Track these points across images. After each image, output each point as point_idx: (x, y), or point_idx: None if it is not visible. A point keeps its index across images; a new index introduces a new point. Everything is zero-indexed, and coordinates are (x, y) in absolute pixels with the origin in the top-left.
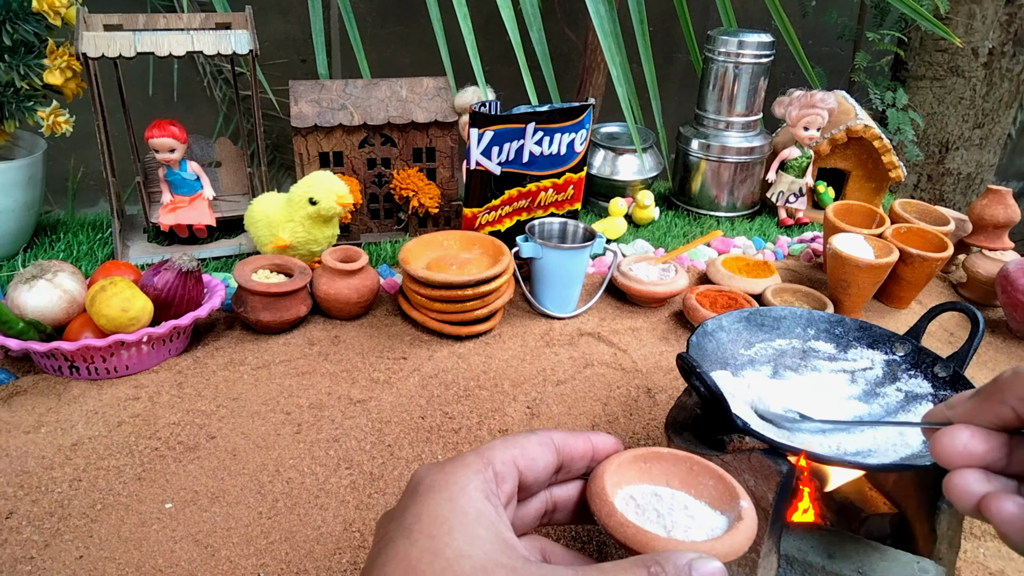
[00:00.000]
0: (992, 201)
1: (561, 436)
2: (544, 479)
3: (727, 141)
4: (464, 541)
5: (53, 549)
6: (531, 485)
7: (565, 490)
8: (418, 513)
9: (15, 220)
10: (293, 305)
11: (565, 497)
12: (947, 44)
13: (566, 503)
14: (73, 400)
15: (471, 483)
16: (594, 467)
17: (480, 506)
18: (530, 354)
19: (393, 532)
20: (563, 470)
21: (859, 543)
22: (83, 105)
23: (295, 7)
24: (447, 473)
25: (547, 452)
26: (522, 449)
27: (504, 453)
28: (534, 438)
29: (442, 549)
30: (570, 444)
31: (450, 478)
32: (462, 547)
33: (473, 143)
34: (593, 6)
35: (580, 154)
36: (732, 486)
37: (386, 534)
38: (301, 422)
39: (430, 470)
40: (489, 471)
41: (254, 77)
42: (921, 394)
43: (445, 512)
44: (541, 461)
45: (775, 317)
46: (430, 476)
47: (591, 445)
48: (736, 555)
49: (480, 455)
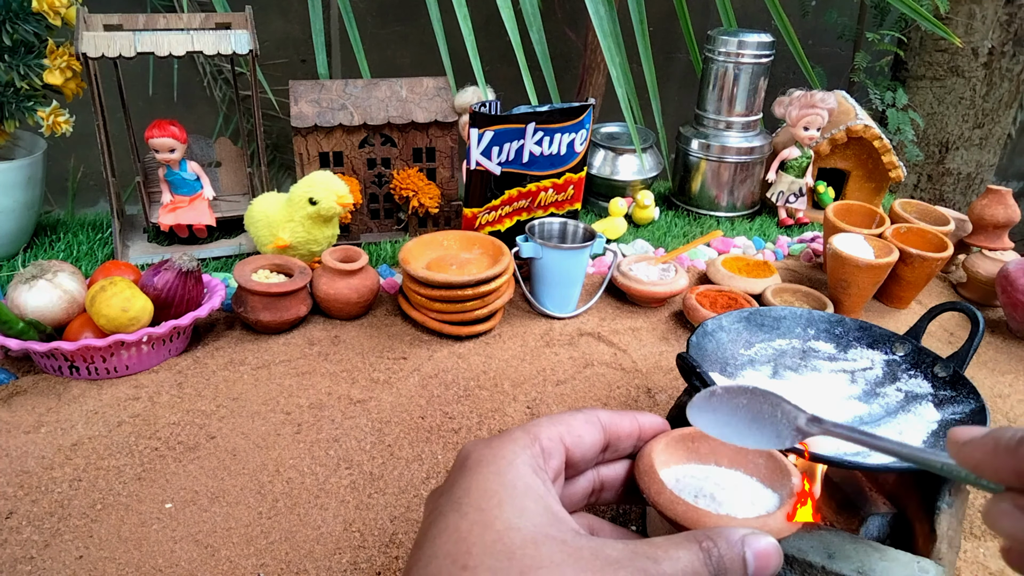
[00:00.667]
0: (992, 201)
1: (607, 415)
2: (591, 457)
3: (727, 141)
4: (513, 513)
5: (53, 549)
6: (578, 463)
7: (612, 469)
8: (467, 487)
9: (15, 220)
10: (293, 305)
11: (612, 476)
12: (947, 44)
13: (613, 482)
14: (73, 400)
15: (519, 457)
16: (641, 446)
17: (528, 480)
18: (530, 354)
19: (443, 506)
20: (610, 449)
21: (859, 543)
22: (83, 105)
23: (295, 7)
24: (495, 448)
25: (593, 430)
26: (568, 426)
27: (550, 429)
28: (580, 416)
29: (492, 521)
30: (616, 423)
31: (498, 452)
32: (512, 519)
33: (473, 143)
34: (593, 6)
35: (580, 154)
36: (783, 464)
37: (436, 508)
38: (301, 422)
39: (477, 445)
40: (536, 446)
41: (254, 77)
42: (921, 394)
43: (494, 485)
44: (588, 439)
45: (775, 317)
46: (477, 451)
47: (637, 424)
48: (789, 532)
49: (527, 431)
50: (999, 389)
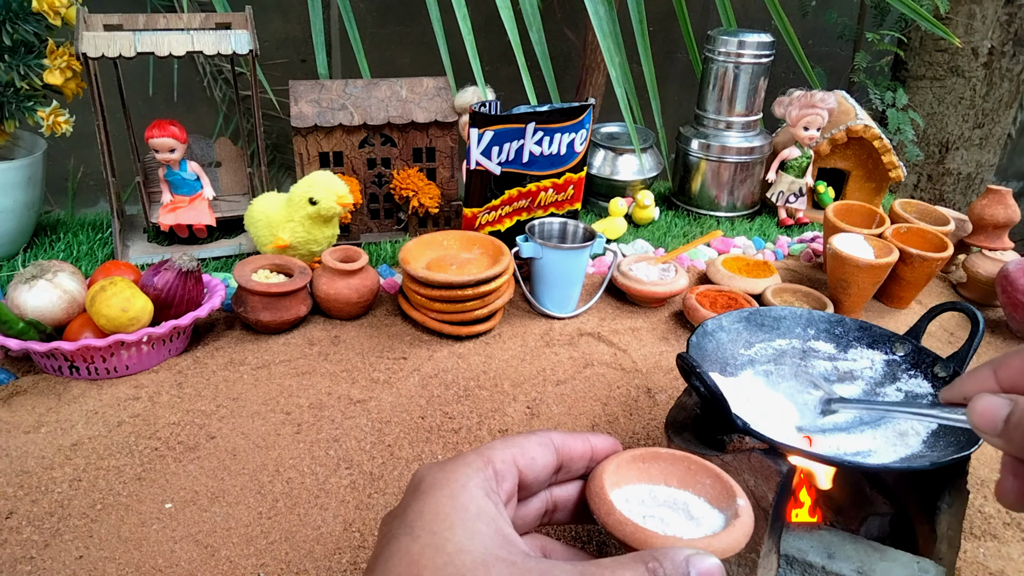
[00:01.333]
0: (992, 201)
1: (560, 436)
2: (544, 479)
3: (727, 141)
4: (465, 536)
5: (53, 549)
6: (531, 484)
7: (565, 490)
8: (420, 510)
9: (15, 220)
10: (293, 305)
11: (565, 497)
12: (947, 44)
13: (566, 503)
14: (73, 400)
15: (471, 481)
16: (593, 467)
17: (480, 503)
18: (530, 354)
19: (396, 529)
20: (563, 470)
21: (859, 543)
22: (83, 105)
23: (295, 7)
24: (448, 471)
25: (546, 452)
26: (521, 449)
27: (504, 452)
28: (533, 438)
29: (443, 544)
30: (569, 444)
31: (451, 476)
32: (463, 542)
33: (473, 143)
34: (592, 6)
35: (580, 154)
36: (729, 485)
37: (389, 531)
38: (301, 422)
39: (431, 469)
40: (489, 469)
41: (254, 77)
42: (921, 394)
43: (446, 509)
44: (540, 460)
45: (775, 317)
46: (431, 474)
47: (590, 446)
48: (733, 552)
49: (480, 454)
50: None
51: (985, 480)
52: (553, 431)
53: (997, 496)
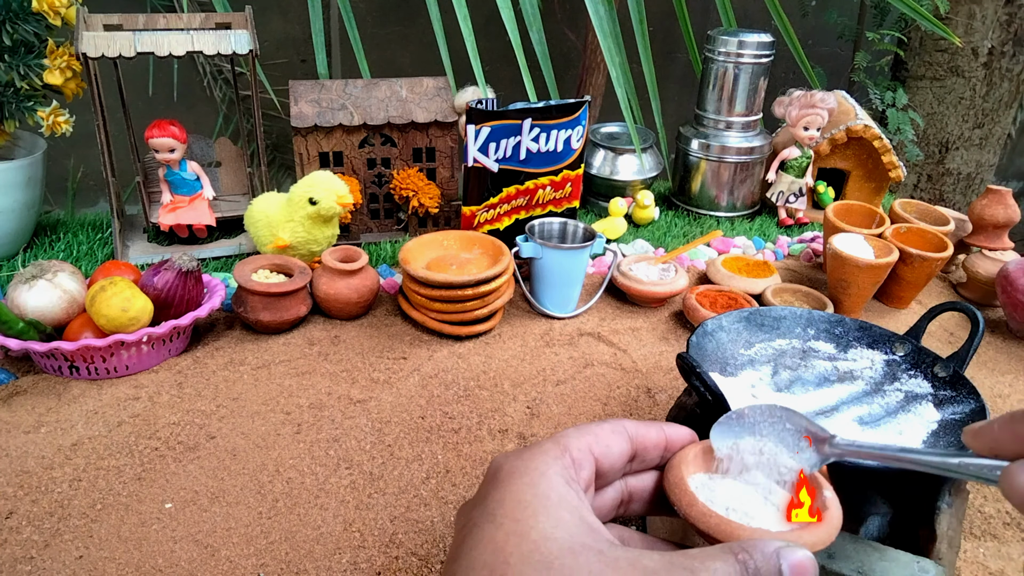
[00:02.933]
0: (992, 201)
1: (634, 425)
2: (619, 467)
3: (727, 141)
4: (549, 524)
5: (53, 549)
6: (606, 473)
7: (640, 480)
8: (500, 499)
9: (15, 220)
10: (293, 305)
11: (641, 487)
12: (947, 44)
13: (642, 493)
14: (73, 400)
15: (551, 469)
16: (668, 457)
17: (562, 491)
18: (530, 354)
19: (477, 518)
20: (637, 459)
21: (859, 543)
22: (83, 105)
23: (295, 7)
24: (526, 460)
25: (621, 440)
26: (596, 436)
27: (579, 440)
28: (607, 426)
29: (528, 532)
30: (643, 433)
31: (530, 464)
32: (547, 529)
33: (470, 139)
34: (593, 6)
35: (577, 151)
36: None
37: (469, 520)
38: (301, 422)
39: (508, 457)
40: (567, 457)
41: (254, 77)
42: (921, 394)
43: (528, 496)
44: (616, 448)
45: (775, 317)
46: (509, 463)
47: (664, 435)
48: (823, 545)
49: (556, 442)
50: (999, 389)
51: None
52: (625, 419)
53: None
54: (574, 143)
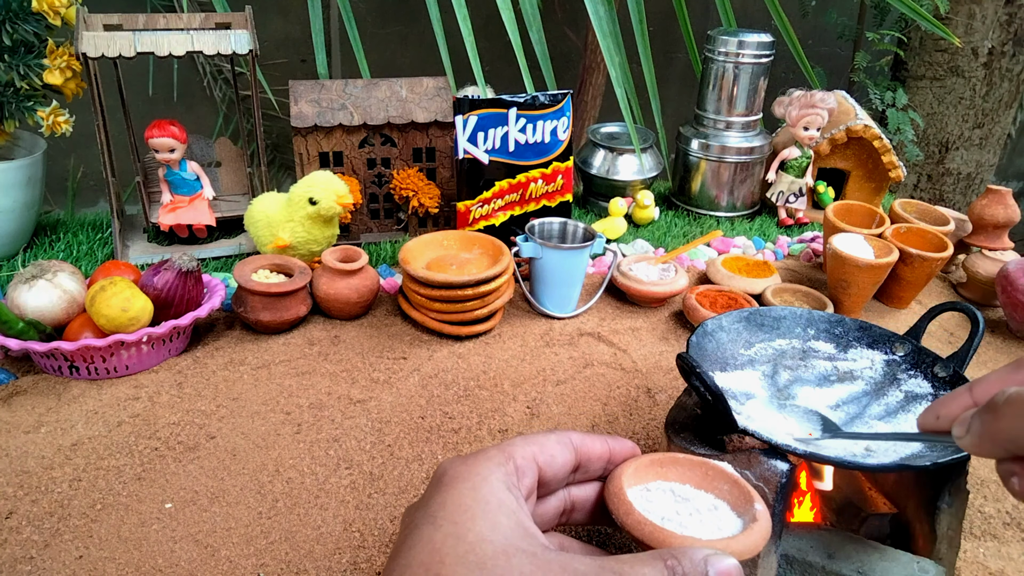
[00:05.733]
0: (992, 201)
1: (579, 436)
2: (562, 477)
3: (727, 141)
4: (486, 527)
5: (53, 549)
6: (550, 482)
7: (583, 490)
8: (442, 502)
9: (15, 220)
10: (293, 305)
11: (583, 497)
12: (947, 44)
13: (584, 503)
14: (73, 400)
15: (493, 474)
16: (611, 469)
17: (501, 496)
18: (530, 354)
19: (418, 519)
20: (581, 470)
21: (859, 543)
22: (83, 105)
23: (295, 7)
24: (470, 465)
25: (565, 450)
26: (541, 446)
27: (524, 449)
28: (553, 437)
29: (465, 534)
30: (588, 444)
31: (473, 469)
32: (484, 532)
33: (459, 130)
34: (593, 6)
35: (565, 142)
36: (747, 490)
37: (411, 521)
38: (301, 422)
39: (453, 462)
40: (510, 464)
41: (254, 77)
42: (921, 394)
43: (468, 500)
44: (560, 459)
45: (775, 317)
46: (453, 468)
47: (608, 447)
48: (751, 554)
49: (501, 450)
50: None
51: (985, 480)
52: (572, 431)
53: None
54: (560, 134)
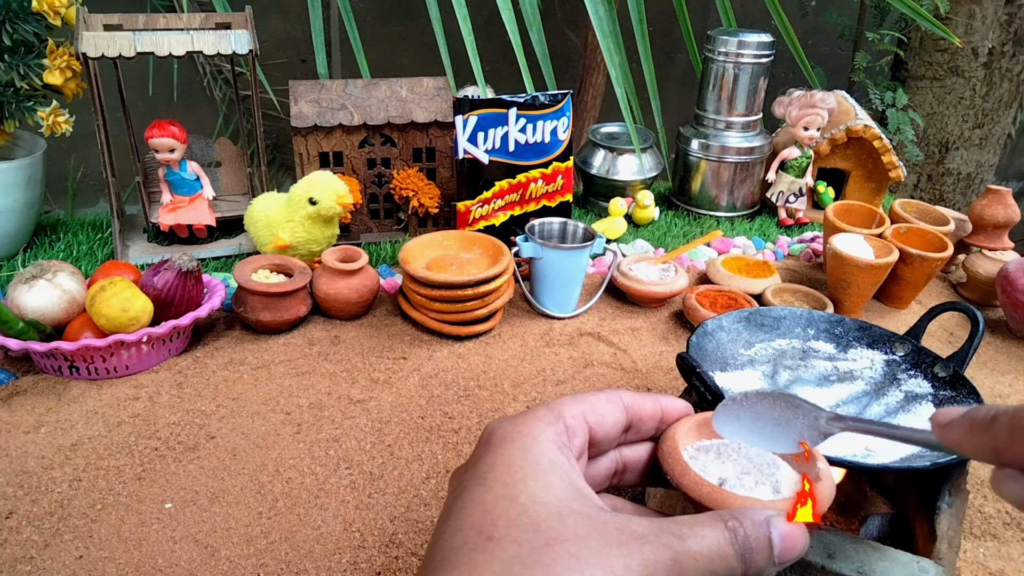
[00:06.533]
0: (992, 201)
1: (630, 396)
2: (613, 437)
3: (727, 141)
4: (538, 488)
5: (53, 549)
6: (600, 442)
7: (634, 451)
8: (492, 462)
9: (15, 220)
10: (293, 305)
11: (635, 458)
12: (947, 44)
13: (636, 464)
14: (73, 400)
15: (543, 434)
16: (663, 429)
17: (553, 456)
18: (530, 354)
19: (468, 480)
20: (632, 430)
21: (859, 543)
22: (83, 105)
23: (295, 7)
24: (519, 425)
25: (616, 410)
26: (591, 405)
27: (574, 408)
28: (603, 395)
29: (517, 495)
30: (639, 404)
31: (522, 429)
32: (536, 493)
33: (459, 130)
34: (593, 6)
35: (565, 142)
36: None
37: (460, 483)
38: (301, 422)
39: (501, 423)
40: (560, 424)
41: (254, 77)
42: (921, 394)
43: (518, 461)
44: (610, 418)
45: (775, 317)
46: (502, 428)
47: (660, 406)
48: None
49: (551, 409)
50: (999, 389)
51: (985, 480)
52: (622, 390)
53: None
54: (560, 134)
